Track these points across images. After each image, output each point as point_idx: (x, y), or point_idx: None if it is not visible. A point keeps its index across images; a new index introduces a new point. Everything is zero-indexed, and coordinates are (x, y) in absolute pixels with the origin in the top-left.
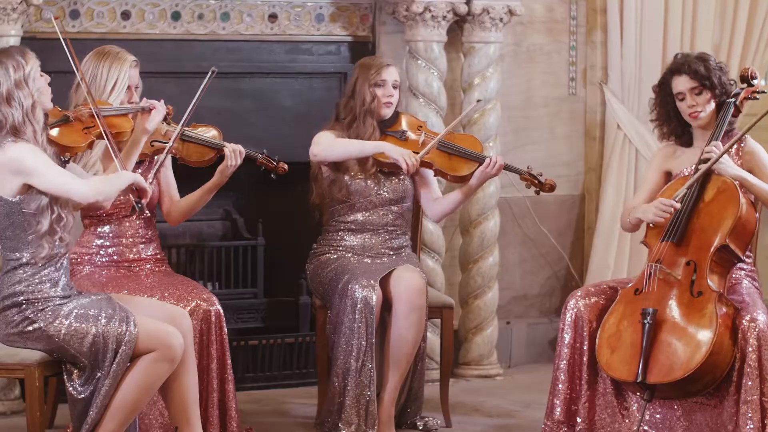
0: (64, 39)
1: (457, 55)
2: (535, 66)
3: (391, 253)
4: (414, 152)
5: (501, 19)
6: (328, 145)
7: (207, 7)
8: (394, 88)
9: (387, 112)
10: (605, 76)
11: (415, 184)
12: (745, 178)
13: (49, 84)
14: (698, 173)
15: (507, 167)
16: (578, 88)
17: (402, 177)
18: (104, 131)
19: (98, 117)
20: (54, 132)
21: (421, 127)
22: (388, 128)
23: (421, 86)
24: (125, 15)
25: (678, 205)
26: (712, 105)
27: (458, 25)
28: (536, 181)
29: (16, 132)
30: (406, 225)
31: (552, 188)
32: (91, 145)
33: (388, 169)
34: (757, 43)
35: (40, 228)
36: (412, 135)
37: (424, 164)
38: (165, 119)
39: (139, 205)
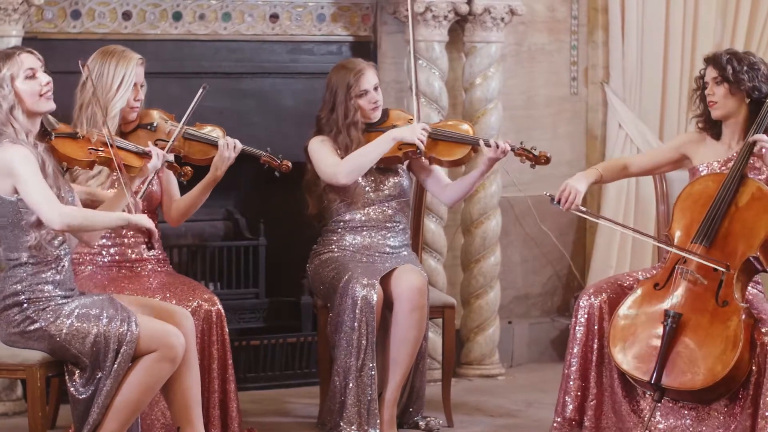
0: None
1: (459, 54)
2: (537, 65)
3: (392, 251)
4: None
5: (502, 19)
6: (348, 169)
7: (208, 8)
8: (376, 90)
9: (376, 115)
10: (607, 75)
11: (417, 175)
12: None
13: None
14: (742, 155)
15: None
16: (580, 87)
17: (398, 173)
18: (117, 164)
19: (111, 146)
20: (57, 141)
21: (411, 120)
22: (377, 126)
23: (422, 86)
24: (126, 15)
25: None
26: (731, 99)
27: (459, 25)
28: (531, 155)
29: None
30: (406, 221)
31: (548, 160)
32: (92, 166)
33: (385, 165)
34: (759, 42)
35: (35, 233)
36: None
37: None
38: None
39: (149, 245)
